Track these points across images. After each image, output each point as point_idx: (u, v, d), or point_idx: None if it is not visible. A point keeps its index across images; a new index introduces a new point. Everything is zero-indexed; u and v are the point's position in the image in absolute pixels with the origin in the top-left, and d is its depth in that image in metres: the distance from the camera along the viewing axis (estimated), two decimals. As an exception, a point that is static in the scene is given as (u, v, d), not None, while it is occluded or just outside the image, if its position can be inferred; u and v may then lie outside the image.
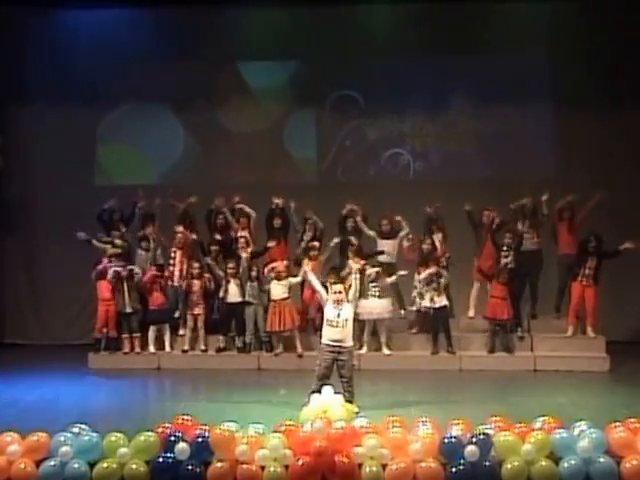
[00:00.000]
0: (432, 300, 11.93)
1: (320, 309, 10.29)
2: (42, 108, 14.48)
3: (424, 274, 11.98)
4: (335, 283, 9.36)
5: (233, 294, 12.20)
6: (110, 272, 12.21)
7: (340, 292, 9.19)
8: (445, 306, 12.02)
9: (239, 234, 12.54)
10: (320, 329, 9.58)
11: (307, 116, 14.44)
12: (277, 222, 12.59)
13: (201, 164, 14.52)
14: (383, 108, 14.15)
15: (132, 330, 12.32)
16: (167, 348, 12.32)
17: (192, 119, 14.46)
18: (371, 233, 12.45)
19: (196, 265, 12.38)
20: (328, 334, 9.18)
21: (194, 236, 12.73)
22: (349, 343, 9.21)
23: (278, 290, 11.96)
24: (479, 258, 12.49)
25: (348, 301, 9.27)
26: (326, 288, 9.47)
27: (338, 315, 9.13)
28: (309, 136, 14.50)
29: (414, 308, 12.32)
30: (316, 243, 12.26)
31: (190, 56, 14.12)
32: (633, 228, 12.77)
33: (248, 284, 12.19)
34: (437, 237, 12.48)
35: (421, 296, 12.13)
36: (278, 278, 11.92)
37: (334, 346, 9.11)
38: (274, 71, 14.43)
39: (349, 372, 9.14)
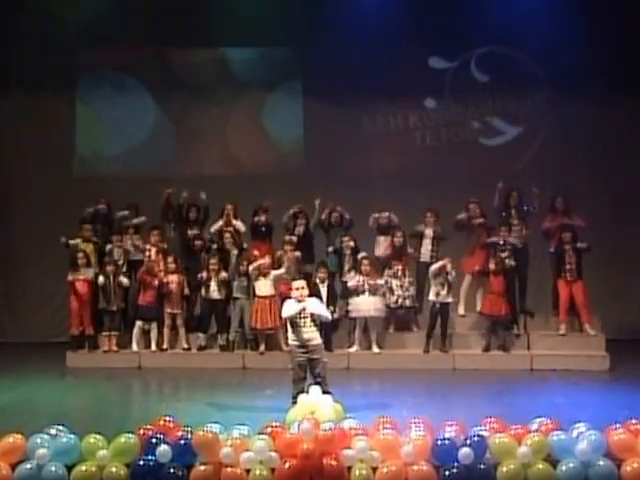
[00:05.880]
0: (437, 294, 11.71)
1: None
2: (18, 96, 14.24)
3: (435, 266, 11.73)
4: (295, 279, 9.29)
5: (213, 290, 12.06)
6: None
7: (303, 288, 9.00)
8: (449, 303, 11.82)
9: (224, 229, 12.43)
10: None
11: (293, 105, 14.31)
12: (262, 220, 12.51)
13: (181, 154, 14.38)
14: (373, 98, 13.99)
15: (112, 328, 12.19)
16: (153, 347, 12.17)
17: (173, 106, 14.35)
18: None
19: (171, 260, 12.22)
20: (295, 334, 9.01)
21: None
22: (318, 340, 9.06)
23: (264, 286, 11.78)
24: (473, 252, 12.27)
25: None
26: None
27: (302, 313, 8.95)
28: (295, 125, 14.37)
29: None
30: (293, 238, 12.15)
31: (173, 41, 14.04)
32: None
33: (236, 280, 12.05)
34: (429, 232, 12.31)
35: (391, 292, 11.93)
36: (264, 275, 11.76)
37: (305, 345, 8.96)
38: (259, 58, 14.34)
39: (323, 370, 8.98)
